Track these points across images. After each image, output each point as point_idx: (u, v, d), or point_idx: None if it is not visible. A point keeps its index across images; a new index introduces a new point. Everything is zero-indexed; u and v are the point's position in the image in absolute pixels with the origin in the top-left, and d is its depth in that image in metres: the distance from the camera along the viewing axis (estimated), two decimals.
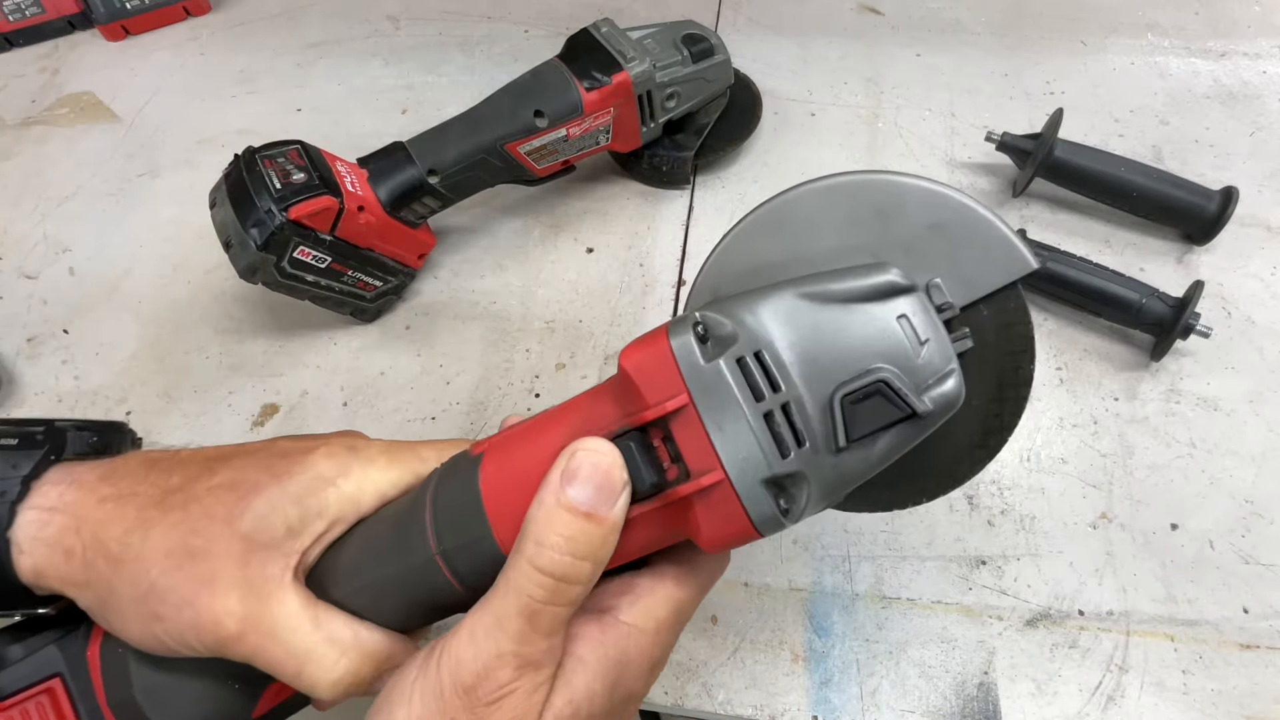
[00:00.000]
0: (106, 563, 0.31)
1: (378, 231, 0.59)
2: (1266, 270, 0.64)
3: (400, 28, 0.88)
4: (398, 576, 0.32)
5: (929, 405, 0.28)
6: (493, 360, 0.63)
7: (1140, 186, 0.63)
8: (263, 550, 0.31)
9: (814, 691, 0.49)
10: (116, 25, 0.87)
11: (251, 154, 0.55)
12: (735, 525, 0.27)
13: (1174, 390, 0.59)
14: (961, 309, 0.32)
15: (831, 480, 0.28)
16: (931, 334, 0.29)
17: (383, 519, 0.34)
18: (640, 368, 0.28)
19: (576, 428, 0.30)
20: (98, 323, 0.67)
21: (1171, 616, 0.50)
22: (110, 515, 0.32)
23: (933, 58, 0.80)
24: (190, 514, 0.31)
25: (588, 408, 0.30)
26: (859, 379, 0.27)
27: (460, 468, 0.32)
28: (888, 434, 0.28)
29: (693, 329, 0.28)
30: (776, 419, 0.27)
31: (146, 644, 0.31)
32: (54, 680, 0.33)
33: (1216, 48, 0.79)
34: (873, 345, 0.28)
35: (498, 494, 0.30)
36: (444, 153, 0.60)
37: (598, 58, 0.62)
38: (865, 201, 0.33)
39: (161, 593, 0.30)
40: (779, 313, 0.28)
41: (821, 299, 0.29)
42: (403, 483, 0.34)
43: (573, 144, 0.63)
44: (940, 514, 0.54)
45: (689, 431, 0.27)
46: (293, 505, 0.32)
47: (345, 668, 0.31)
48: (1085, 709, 0.48)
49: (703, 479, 0.27)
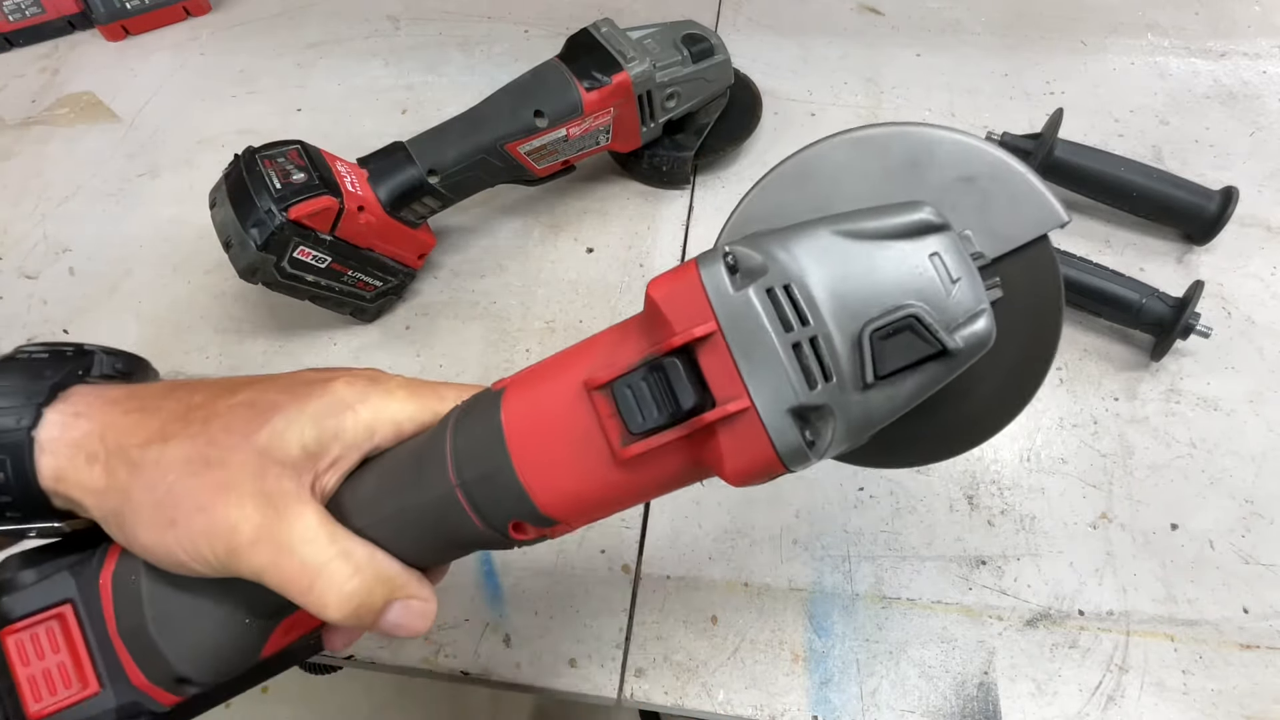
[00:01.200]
0: (126, 468, 0.31)
1: (378, 231, 0.59)
2: (1266, 270, 0.64)
3: (400, 28, 0.88)
4: (416, 508, 0.32)
5: (959, 343, 0.27)
6: (493, 360, 0.63)
7: (1140, 186, 0.63)
8: (278, 466, 0.31)
9: (814, 691, 0.49)
10: (116, 25, 0.87)
11: (251, 154, 0.55)
12: (760, 455, 0.27)
13: (1174, 390, 0.59)
14: (991, 261, 0.32)
15: (858, 417, 0.28)
16: (964, 273, 0.28)
17: (403, 451, 0.33)
18: (668, 297, 0.27)
19: (600, 358, 0.29)
20: (98, 323, 0.67)
21: (1171, 616, 0.50)
22: (133, 425, 0.32)
23: (933, 58, 0.80)
24: (210, 428, 0.31)
25: (612, 340, 0.30)
26: (889, 314, 0.27)
27: (481, 402, 0.32)
28: (916, 372, 0.28)
29: (723, 259, 0.27)
30: (805, 350, 0.27)
31: (159, 555, 0.31)
32: (65, 606, 0.33)
33: (1216, 48, 0.79)
34: (904, 282, 0.28)
35: (519, 426, 0.30)
36: (444, 153, 0.60)
37: (598, 58, 0.62)
38: (896, 153, 0.33)
39: (177, 498, 0.30)
40: (811, 248, 0.28)
41: (854, 235, 0.28)
42: (420, 419, 0.34)
43: (573, 144, 0.63)
44: (940, 514, 0.54)
45: (715, 359, 0.27)
46: (310, 425, 0.32)
47: (357, 585, 0.31)
48: (1085, 709, 0.48)
49: (729, 406, 0.26)
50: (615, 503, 0.31)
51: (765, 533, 0.54)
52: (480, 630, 0.51)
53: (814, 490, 0.56)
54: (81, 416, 0.32)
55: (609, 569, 0.53)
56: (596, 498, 0.30)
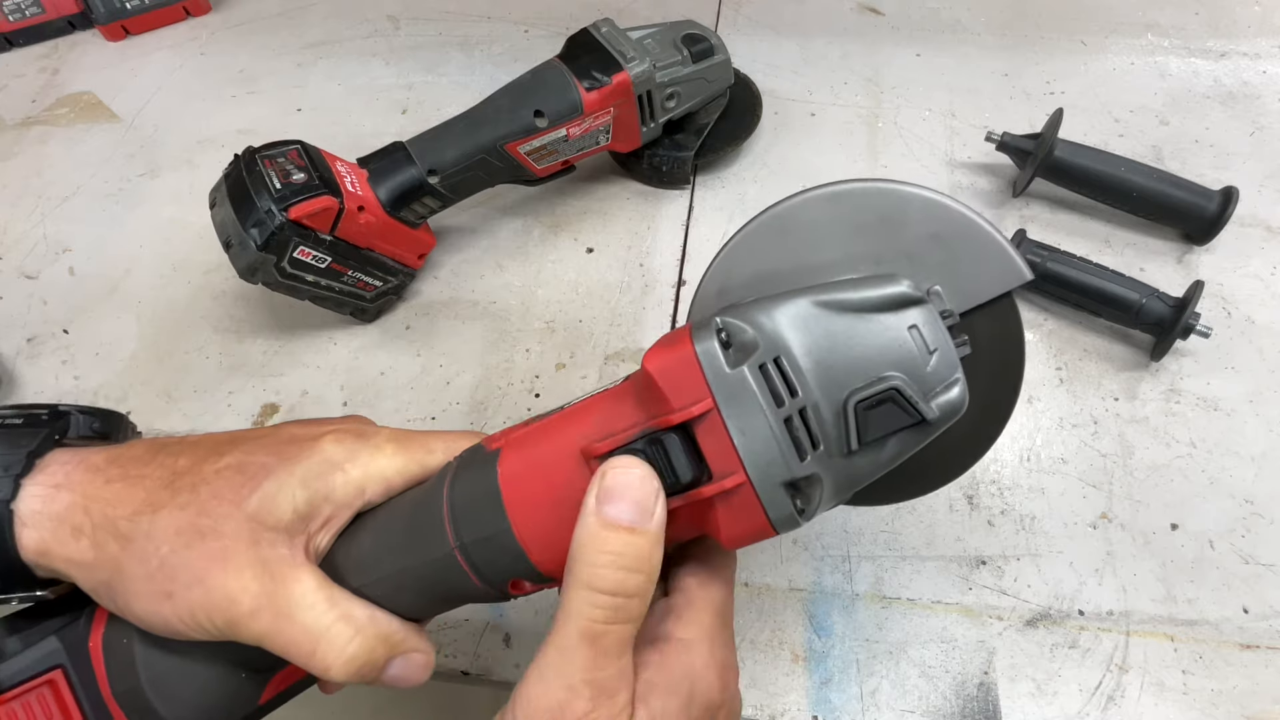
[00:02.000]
0: (115, 541, 0.31)
1: (378, 231, 0.59)
2: (1266, 270, 0.64)
3: (400, 28, 0.88)
4: (415, 569, 0.32)
5: (936, 412, 0.29)
6: (493, 360, 0.63)
7: (1140, 186, 0.63)
8: (271, 531, 0.31)
9: (814, 691, 0.49)
10: (116, 25, 0.87)
11: (251, 154, 0.55)
12: (755, 524, 0.28)
13: (1174, 390, 0.59)
14: (960, 316, 0.34)
15: (843, 481, 0.30)
16: (940, 344, 0.30)
17: (397, 510, 0.34)
18: (665, 371, 0.28)
19: (598, 427, 0.30)
20: (98, 323, 0.67)
21: (1171, 616, 0.50)
22: (118, 495, 0.31)
23: (933, 58, 0.80)
24: (199, 495, 0.31)
25: (608, 408, 0.31)
26: (872, 386, 0.29)
27: (477, 462, 0.32)
28: (896, 438, 0.29)
29: (716, 335, 0.28)
30: (795, 424, 0.28)
31: (154, 625, 0.31)
32: (55, 672, 0.33)
33: (1216, 48, 0.79)
34: (885, 354, 0.29)
35: (517, 489, 0.31)
36: (444, 153, 0.60)
37: (598, 58, 0.62)
38: (869, 209, 0.35)
39: (172, 570, 0.30)
40: (796, 319, 0.29)
41: (836, 307, 0.30)
42: (409, 472, 0.34)
43: (573, 144, 0.63)
44: (940, 514, 0.54)
45: (713, 436, 0.28)
46: (300, 488, 0.32)
47: (360, 646, 0.31)
48: (1085, 709, 0.48)
49: (725, 481, 0.28)
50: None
51: None
52: (480, 630, 0.51)
53: None
54: (63, 488, 0.32)
55: None
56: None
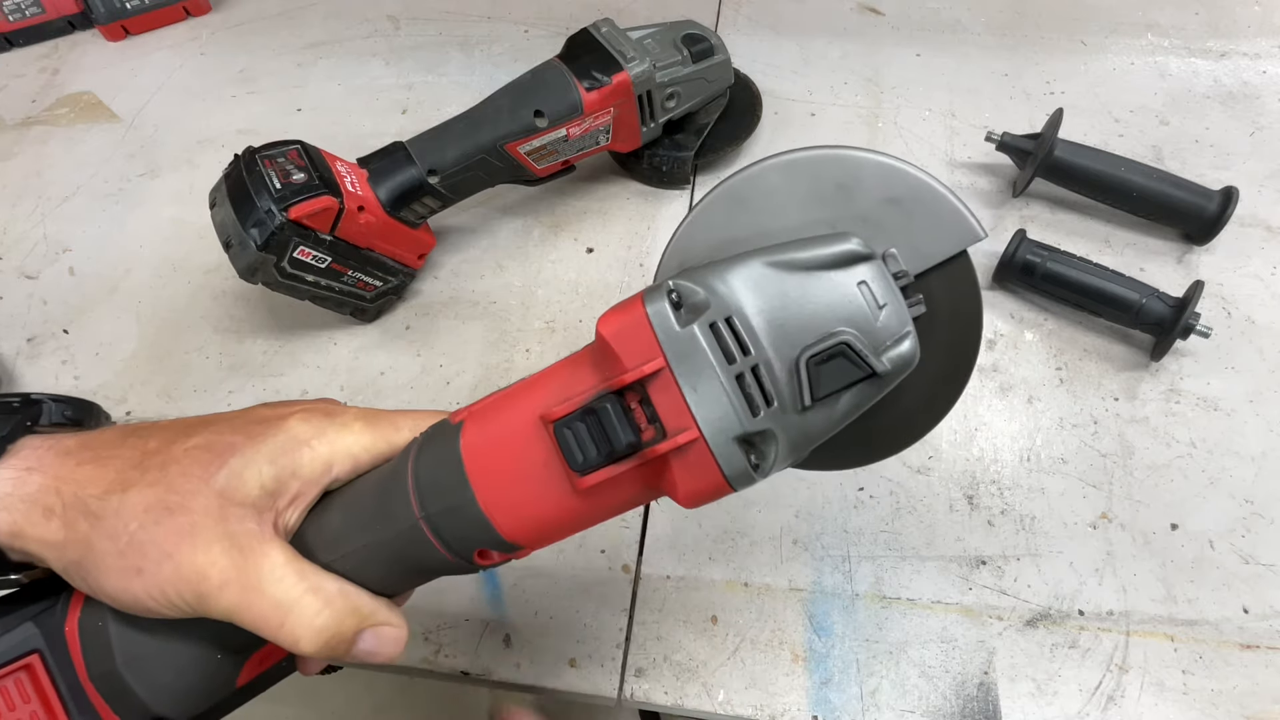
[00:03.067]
0: (86, 519, 0.31)
1: (378, 231, 0.59)
2: (1266, 270, 0.64)
3: (400, 28, 0.88)
4: (382, 542, 0.33)
5: (887, 365, 0.30)
6: (493, 360, 0.63)
7: (1140, 186, 0.63)
8: (239, 507, 0.31)
9: (814, 691, 0.49)
10: (116, 25, 0.87)
11: (251, 154, 0.55)
12: (710, 480, 0.29)
13: (1174, 390, 0.59)
14: (915, 277, 0.34)
15: (798, 437, 0.30)
16: (889, 299, 0.30)
17: (364, 486, 0.34)
18: (618, 334, 0.29)
19: (556, 392, 0.31)
20: (98, 323, 0.67)
21: (1171, 616, 0.50)
22: (89, 476, 0.32)
23: (933, 58, 0.80)
24: (168, 473, 0.31)
25: (566, 374, 0.31)
26: (823, 342, 0.29)
27: (441, 435, 0.33)
28: (849, 393, 0.30)
29: (667, 296, 0.29)
30: (747, 380, 0.29)
31: (125, 602, 0.31)
32: (32, 656, 0.33)
33: (1216, 48, 0.79)
34: (835, 310, 0.30)
35: (480, 459, 0.31)
36: (444, 153, 0.60)
37: (598, 58, 0.62)
38: (825, 176, 0.35)
39: (141, 546, 0.30)
40: (748, 280, 0.30)
41: (787, 267, 0.30)
42: (376, 449, 0.34)
43: (573, 144, 0.63)
44: (940, 514, 0.54)
45: (665, 393, 0.28)
46: (267, 464, 0.32)
47: (328, 618, 0.31)
48: (1085, 709, 0.48)
49: (679, 437, 0.28)
50: (575, 526, 0.32)
51: (765, 533, 0.54)
52: (480, 630, 0.51)
53: (814, 490, 0.56)
54: (34, 470, 0.32)
55: (609, 569, 0.53)
56: (557, 524, 0.32)
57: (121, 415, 0.61)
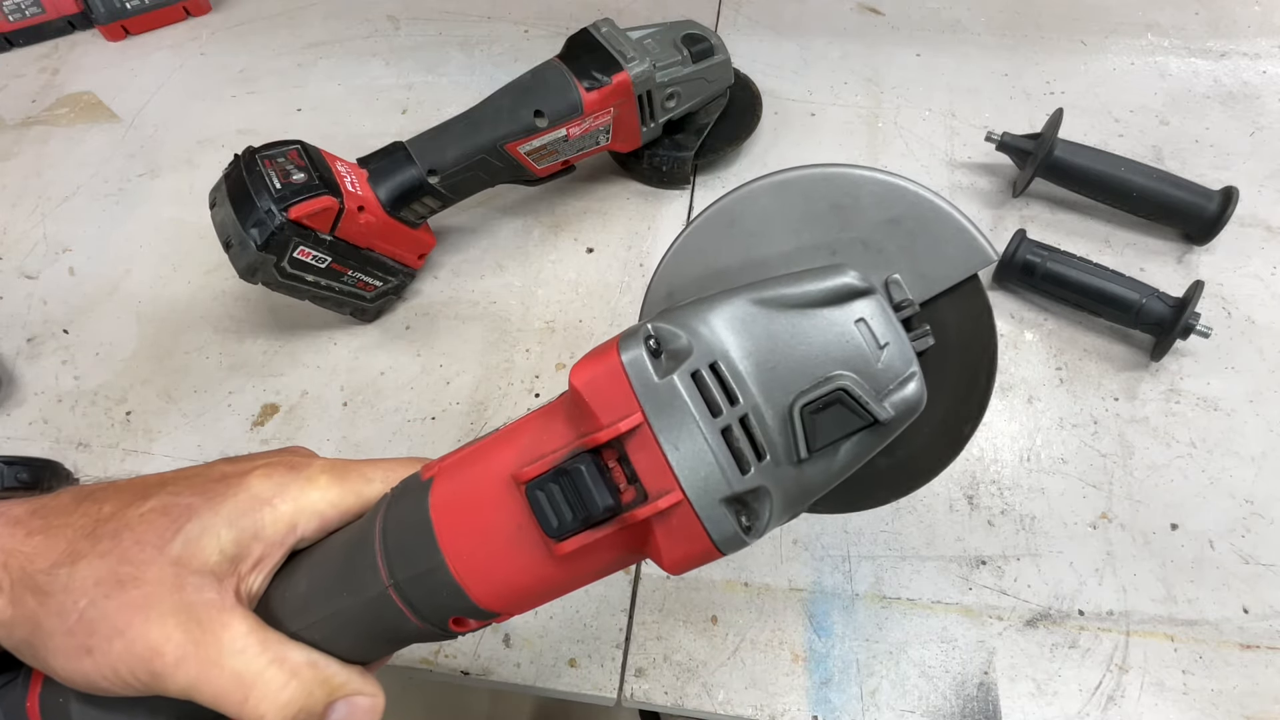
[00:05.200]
0: (33, 596, 0.29)
1: (378, 231, 0.59)
2: (1266, 270, 0.64)
3: (400, 28, 0.88)
4: (350, 610, 0.31)
5: (890, 412, 0.27)
6: (493, 360, 0.63)
7: (1140, 186, 0.63)
8: (196, 575, 0.29)
9: (814, 691, 0.49)
10: (116, 25, 0.87)
11: (251, 154, 0.55)
12: (697, 546, 0.26)
13: (1174, 390, 0.59)
14: (922, 304, 0.32)
15: (794, 492, 0.28)
16: (891, 337, 0.28)
17: (331, 548, 0.32)
18: (591, 386, 0.26)
19: (527, 450, 0.28)
20: (98, 323, 0.67)
21: (1171, 616, 0.50)
22: (38, 548, 0.30)
23: (933, 58, 0.80)
24: (121, 542, 0.30)
25: (538, 428, 0.29)
26: (818, 387, 0.27)
27: (409, 493, 0.31)
28: (849, 442, 0.27)
29: (644, 343, 0.26)
30: (735, 434, 0.26)
31: (77, 682, 0.29)
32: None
33: (1216, 48, 0.79)
34: (831, 351, 0.27)
35: (450, 521, 0.29)
36: (444, 153, 0.60)
37: (598, 58, 0.62)
38: (820, 197, 0.32)
39: (90, 623, 0.29)
40: (733, 321, 0.27)
41: (777, 304, 0.28)
42: (345, 505, 0.32)
43: (573, 144, 0.63)
44: (940, 514, 0.54)
45: (645, 452, 0.26)
46: (226, 528, 0.30)
47: (295, 691, 0.30)
48: (1085, 709, 0.48)
49: (660, 501, 0.26)
50: (554, 592, 0.30)
51: None
52: (480, 630, 0.51)
53: None
54: None
55: None
56: (535, 591, 0.29)
57: (122, 415, 0.61)
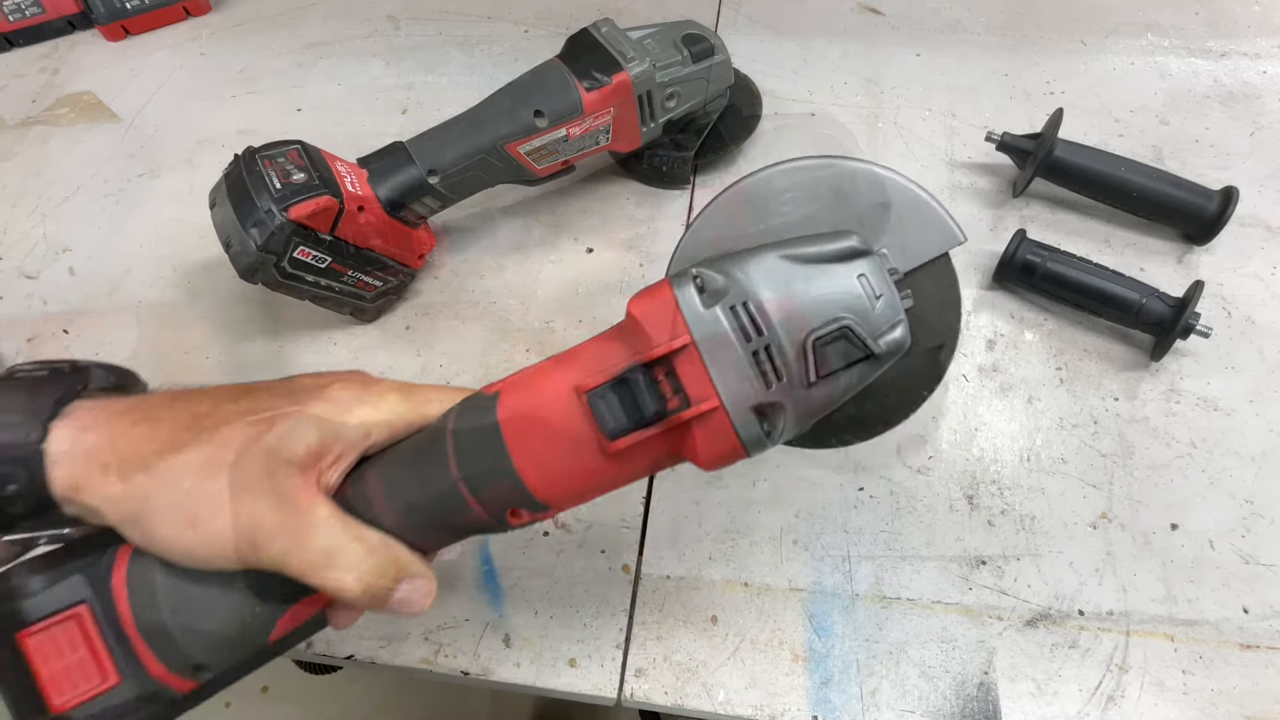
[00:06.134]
0: (143, 474, 0.33)
1: (378, 231, 0.59)
2: (1266, 270, 0.64)
3: (400, 28, 0.88)
4: (420, 502, 0.35)
5: (883, 348, 0.34)
6: (493, 360, 0.63)
7: (1140, 186, 0.63)
8: (285, 466, 0.34)
9: (814, 691, 0.49)
10: (116, 25, 0.87)
11: (251, 154, 0.55)
12: (728, 445, 0.33)
13: (1174, 390, 0.59)
14: (905, 274, 0.39)
15: (804, 409, 0.34)
16: (884, 290, 0.35)
17: (403, 450, 0.37)
18: (648, 314, 0.33)
19: (587, 366, 0.34)
20: (98, 323, 0.67)
21: (1171, 616, 0.50)
22: (143, 434, 0.34)
23: (933, 58, 0.80)
24: (220, 434, 0.34)
25: (596, 350, 0.35)
26: (827, 326, 0.33)
27: (477, 404, 0.36)
28: (849, 371, 0.34)
29: (693, 281, 0.33)
30: (761, 357, 0.32)
31: (177, 553, 0.33)
32: (81, 606, 0.35)
33: (1216, 48, 0.79)
34: (838, 299, 0.34)
35: (516, 426, 0.34)
36: (444, 153, 0.60)
37: (598, 58, 0.62)
38: (823, 181, 0.41)
39: (196, 499, 0.33)
40: (763, 270, 0.34)
41: (797, 259, 0.34)
42: (409, 418, 0.37)
43: (573, 144, 0.63)
44: (940, 514, 0.54)
45: (690, 366, 0.32)
46: (312, 428, 0.35)
47: (372, 565, 0.34)
48: (1085, 709, 0.48)
49: (702, 405, 0.32)
50: (602, 488, 0.36)
51: (765, 533, 0.54)
52: (480, 630, 0.51)
53: (814, 490, 0.56)
54: (89, 430, 0.34)
55: (609, 569, 0.53)
56: (587, 485, 0.35)
57: None
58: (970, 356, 0.61)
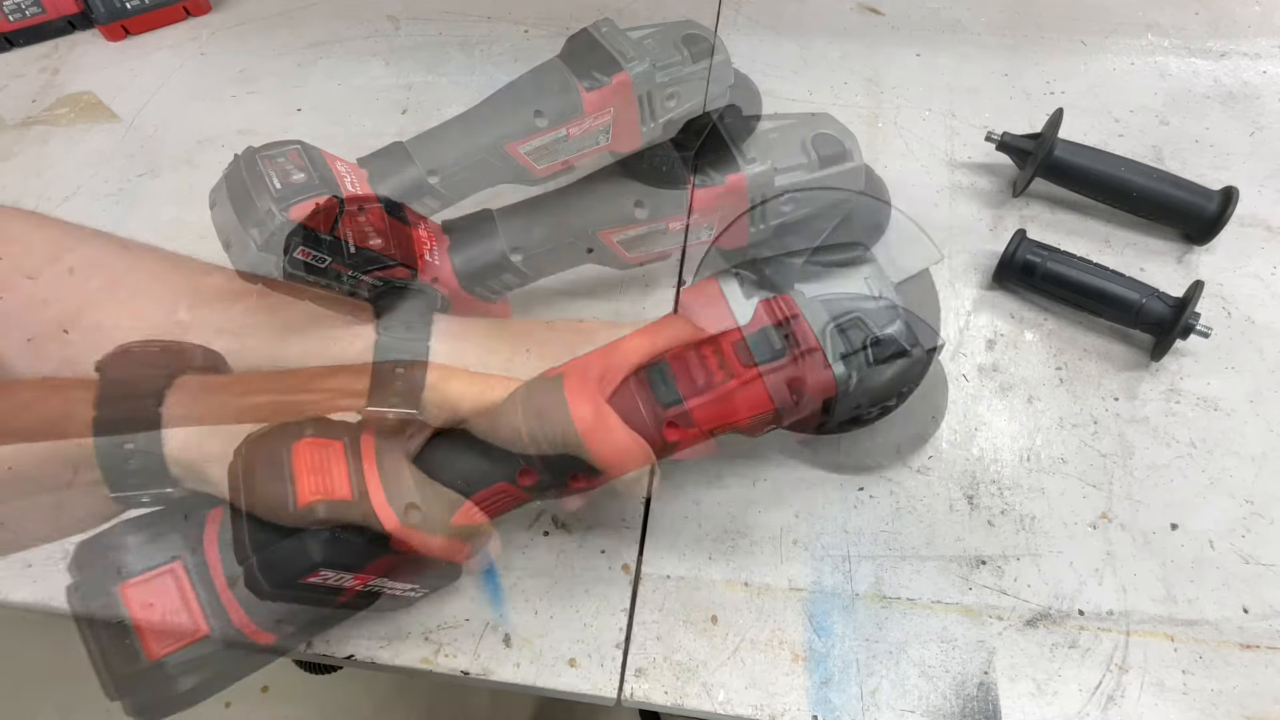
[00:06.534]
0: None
1: (378, 231, 0.59)
2: (1266, 270, 0.64)
3: (400, 28, 0.88)
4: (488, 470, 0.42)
5: (887, 335, 0.44)
6: (492, 360, 0.63)
7: (1140, 186, 0.64)
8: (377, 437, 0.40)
9: (814, 691, 0.49)
10: (116, 25, 0.87)
11: (251, 154, 0.55)
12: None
13: (1174, 390, 0.59)
14: (896, 284, 0.47)
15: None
16: (885, 291, 0.45)
17: (476, 426, 0.43)
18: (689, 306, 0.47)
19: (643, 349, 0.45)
20: None
21: (1171, 616, 0.50)
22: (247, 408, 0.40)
23: (933, 58, 0.80)
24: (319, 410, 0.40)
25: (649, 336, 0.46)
26: (842, 317, 0.44)
27: (545, 383, 0.42)
28: (859, 355, 0.43)
29: (735, 277, 0.48)
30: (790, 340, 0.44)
31: (275, 510, 0.37)
32: (176, 562, 0.38)
33: (1216, 48, 0.79)
34: (849, 295, 0.45)
35: (581, 399, 0.41)
36: (444, 153, 0.60)
37: (598, 58, 0.62)
38: (826, 200, 0.56)
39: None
40: (790, 271, 0.45)
41: (819, 264, 0.46)
42: (482, 398, 0.43)
43: (573, 144, 0.63)
44: (940, 514, 0.54)
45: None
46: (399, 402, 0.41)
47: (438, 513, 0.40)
48: (1085, 709, 0.48)
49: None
50: (651, 457, 0.43)
51: (765, 533, 0.54)
52: (480, 630, 0.51)
53: (814, 490, 0.56)
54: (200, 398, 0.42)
55: (609, 569, 0.53)
56: (639, 456, 0.42)
57: None
58: (970, 356, 0.61)
